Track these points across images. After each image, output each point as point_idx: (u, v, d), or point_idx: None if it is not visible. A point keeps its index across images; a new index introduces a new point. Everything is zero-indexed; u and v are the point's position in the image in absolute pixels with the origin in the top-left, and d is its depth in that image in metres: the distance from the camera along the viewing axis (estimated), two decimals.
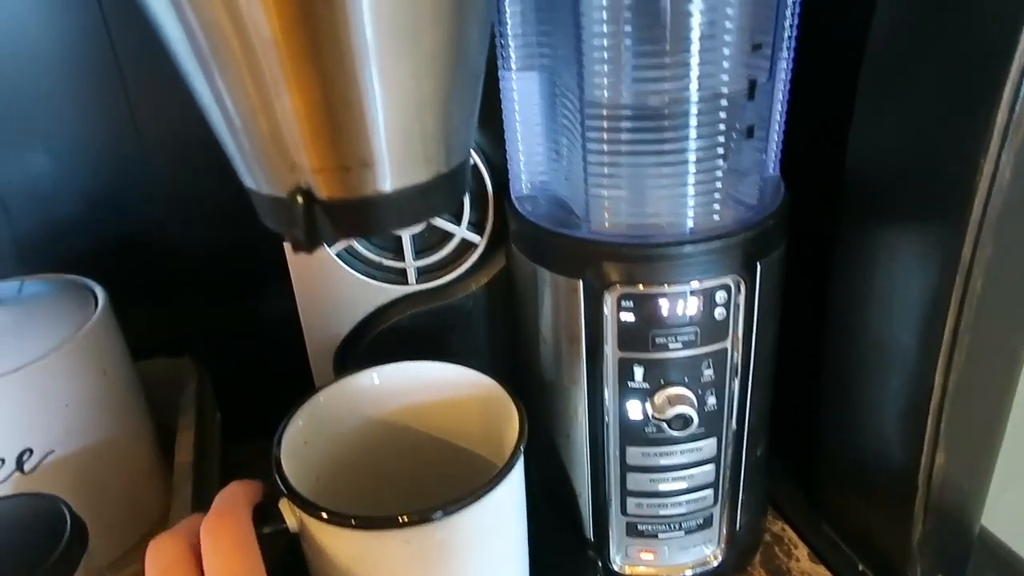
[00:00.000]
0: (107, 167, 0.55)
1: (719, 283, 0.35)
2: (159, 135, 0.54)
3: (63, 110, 0.53)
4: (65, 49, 0.51)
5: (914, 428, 0.36)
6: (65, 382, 0.41)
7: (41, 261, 0.54)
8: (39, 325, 0.42)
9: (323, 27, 0.23)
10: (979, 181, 0.30)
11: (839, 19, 0.37)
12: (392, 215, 0.28)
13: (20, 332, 0.41)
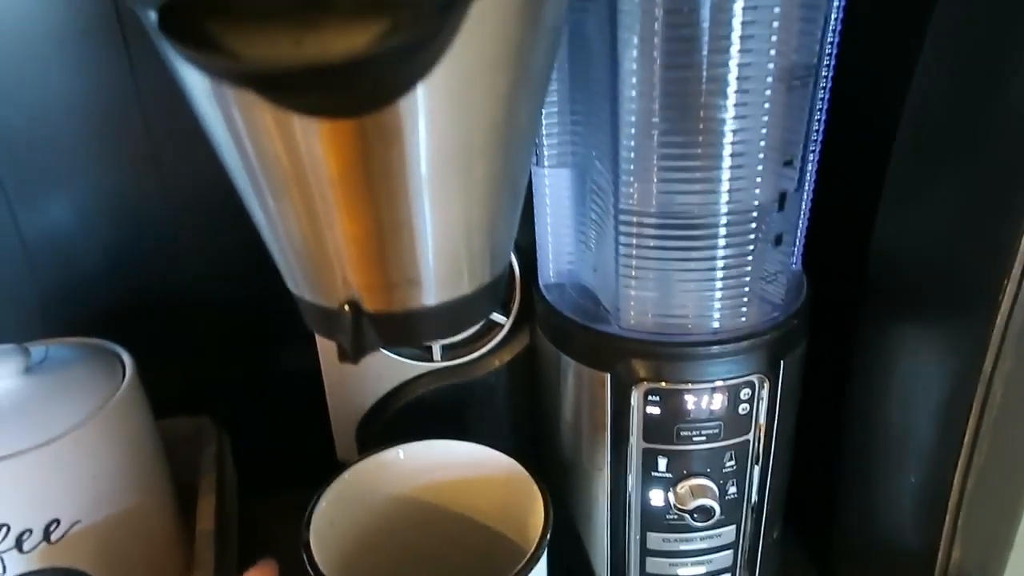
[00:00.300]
0: (131, 224, 0.55)
1: (743, 380, 0.36)
2: (184, 194, 0.55)
3: (89, 166, 0.54)
4: (92, 105, 0.52)
5: (931, 524, 0.37)
6: (93, 453, 0.41)
7: (65, 317, 0.55)
8: (67, 396, 0.42)
9: (380, 164, 0.24)
10: (1002, 300, 0.31)
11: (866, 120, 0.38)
12: (436, 327, 0.29)
13: (49, 403, 0.42)
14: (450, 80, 0.22)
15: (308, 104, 0.21)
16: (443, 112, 0.23)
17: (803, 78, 0.32)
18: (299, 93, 0.20)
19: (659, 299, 0.35)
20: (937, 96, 0.34)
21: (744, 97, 0.30)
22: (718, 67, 0.30)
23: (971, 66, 0.33)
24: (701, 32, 0.29)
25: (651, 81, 0.30)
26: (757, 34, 0.29)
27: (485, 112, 0.24)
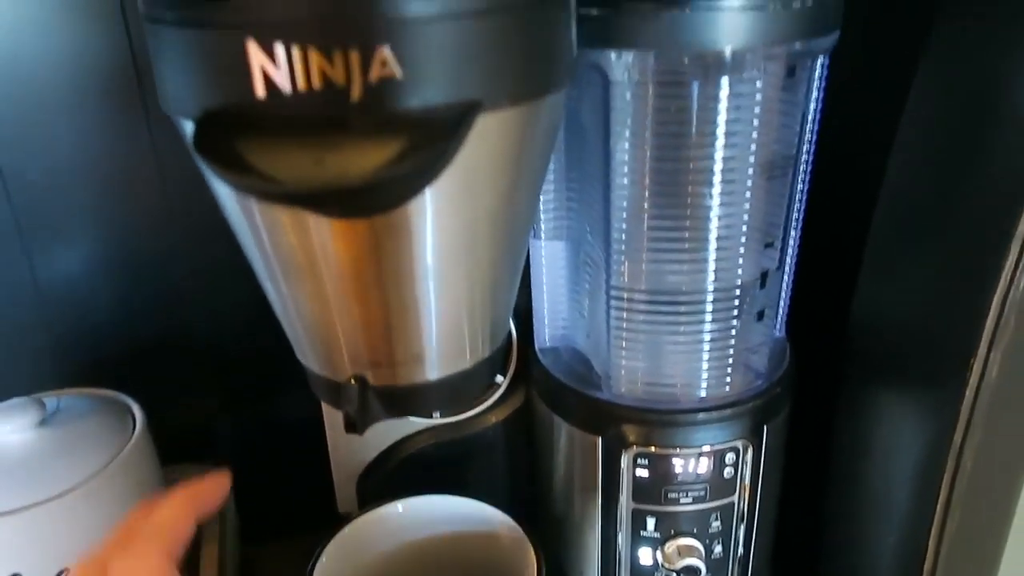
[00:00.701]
0: (143, 276, 0.57)
1: (728, 446, 0.37)
2: (195, 248, 0.57)
3: (104, 220, 0.56)
4: (110, 160, 0.54)
5: None
6: (104, 504, 0.43)
7: (76, 363, 0.56)
8: (79, 448, 0.44)
9: (388, 256, 0.26)
10: (969, 377, 0.33)
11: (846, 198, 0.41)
12: (438, 400, 0.31)
13: (61, 456, 0.43)
14: (454, 182, 0.24)
15: (324, 211, 0.23)
16: (448, 209, 0.25)
17: (783, 168, 0.34)
18: (318, 205, 0.22)
19: (648, 368, 0.37)
20: (911, 179, 0.36)
21: (728, 187, 0.33)
22: (704, 159, 0.32)
23: (942, 153, 0.35)
24: (688, 128, 0.31)
25: (642, 170, 0.33)
26: (740, 130, 0.32)
27: (487, 207, 0.26)
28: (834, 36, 0.33)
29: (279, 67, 0.21)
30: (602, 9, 0.30)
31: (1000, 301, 0.32)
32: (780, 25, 0.30)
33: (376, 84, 0.21)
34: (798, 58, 0.32)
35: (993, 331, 0.32)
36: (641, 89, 0.32)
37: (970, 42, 0.34)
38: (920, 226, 0.36)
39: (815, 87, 0.34)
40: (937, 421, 0.35)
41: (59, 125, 0.52)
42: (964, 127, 0.34)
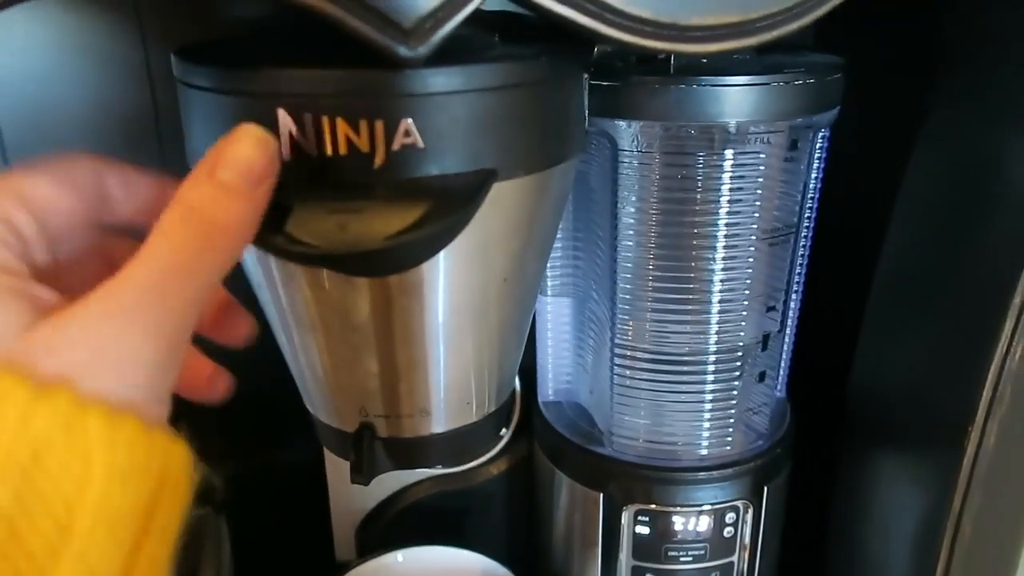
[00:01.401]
0: None
1: (728, 505, 0.38)
2: None
3: None
4: None
5: None
6: None
7: None
8: None
9: (401, 313, 0.27)
10: (967, 446, 0.33)
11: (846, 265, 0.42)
12: (443, 452, 0.31)
13: None
14: (468, 245, 0.25)
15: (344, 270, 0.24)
16: (461, 270, 0.26)
17: (785, 235, 0.35)
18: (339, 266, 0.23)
19: (650, 426, 0.37)
20: (909, 250, 0.37)
21: (731, 251, 0.34)
22: (708, 226, 0.33)
23: (939, 225, 0.36)
24: (693, 196, 0.32)
25: (647, 234, 0.34)
26: (743, 199, 0.33)
27: (498, 269, 0.27)
28: (834, 111, 0.34)
29: (307, 134, 0.22)
30: (613, 81, 0.31)
31: (997, 371, 0.32)
32: (783, 101, 0.31)
33: (398, 152, 0.23)
34: (800, 131, 0.33)
35: (990, 400, 0.33)
36: (648, 157, 0.33)
37: (967, 120, 0.35)
38: (918, 295, 0.37)
39: (816, 158, 0.36)
40: (935, 487, 0.36)
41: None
42: (960, 201, 0.35)
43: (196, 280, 0.20)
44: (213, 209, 0.20)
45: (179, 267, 0.20)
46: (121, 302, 0.19)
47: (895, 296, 0.38)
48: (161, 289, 0.20)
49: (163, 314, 0.20)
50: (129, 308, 0.19)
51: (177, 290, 0.20)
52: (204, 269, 0.20)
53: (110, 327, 0.19)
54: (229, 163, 0.21)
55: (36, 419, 0.17)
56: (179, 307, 0.20)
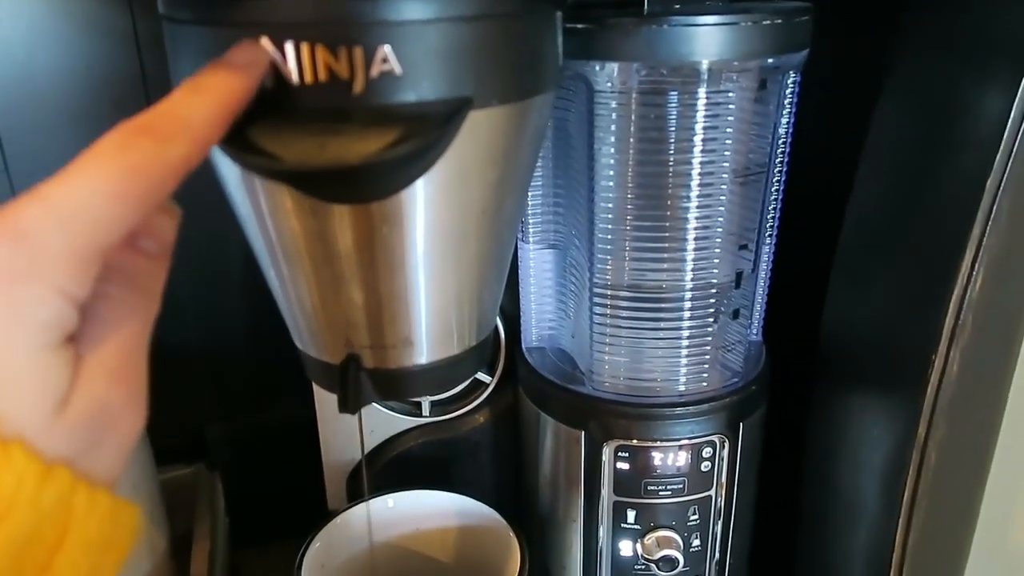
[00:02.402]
0: None
1: (705, 440, 0.39)
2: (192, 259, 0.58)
3: None
4: None
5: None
6: None
7: None
8: None
9: (383, 243, 0.28)
10: (931, 374, 0.35)
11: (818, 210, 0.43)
12: (426, 383, 0.32)
13: None
14: (446, 174, 0.26)
15: (326, 193, 0.25)
16: (440, 201, 0.27)
17: (756, 175, 0.36)
18: (320, 186, 0.24)
19: (629, 364, 0.39)
20: (875, 193, 0.39)
21: (705, 190, 0.35)
22: (682, 164, 0.34)
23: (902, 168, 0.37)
24: (667, 135, 0.34)
25: (624, 174, 0.35)
26: (715, 138, 0.34)
27: (476, 201, 0.28)
28: (803, 54, 0.35)
29: (288, 62, 0.23)
30: (587, 23, 0.32)
31: (958, 300, 0.34)
32: (752, 41, 0.33)
33: (376, 78, 0.23)
34: (769, 72, 0.34)
35: (952, 328, 0.34)
36: (623, 98, 0.34)
37: (928, 69, 0.36)
38: (883, 236, 0.38)
39: (786, 101, 0.37)
40: (902, 419, 0.37)
41: (70, 136, 0.54)
42: (924, 143, 0.36)
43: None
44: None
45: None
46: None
47: (863, 238, 0.39)
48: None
49: None
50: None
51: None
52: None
53: None
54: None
55: None
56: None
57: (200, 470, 0.58)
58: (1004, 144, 0.31)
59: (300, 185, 0.25)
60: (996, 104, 0.32)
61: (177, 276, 0.62)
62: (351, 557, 0.43)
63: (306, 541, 0.41)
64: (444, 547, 0.44)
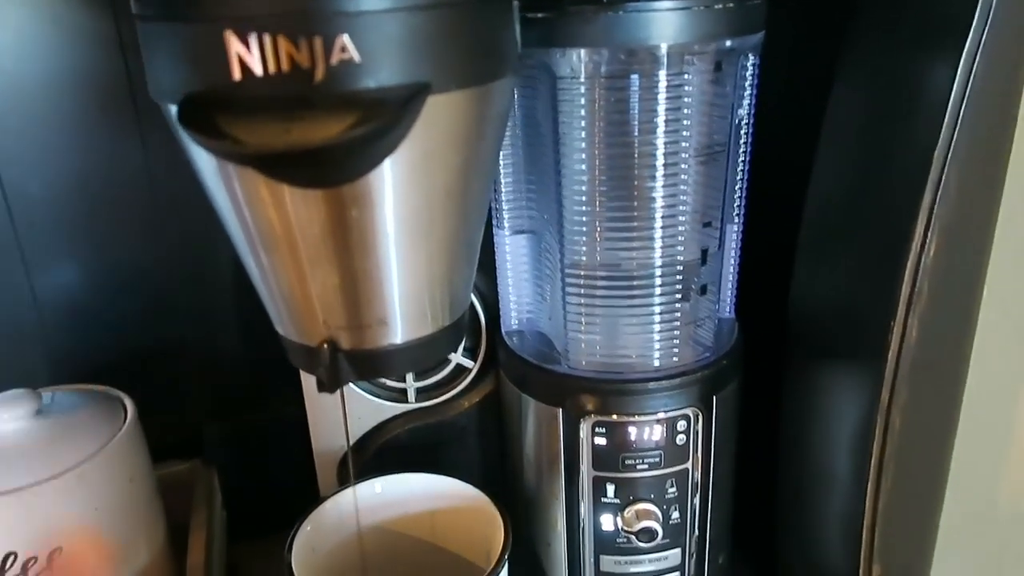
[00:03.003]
0: (135, 287, 0.60)
1: (680, 414, 0.40)
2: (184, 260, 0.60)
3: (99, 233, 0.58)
4: (105, 176, 0.57)
5: (853, 543, 0.41)
6: (97, 488, 0.45)
7: (69, 370, 0.59)
8: (74, 435, 0.46)
9: (354, 225, 0.29)
10: (891, 340, 0.36)
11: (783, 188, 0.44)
12: (402, 362, 0.34)
13: (56, 442, 0.46)
14: (410, 158, 0.28)
15: (295, 178, 0.27)
16: (405, 184, 0.29)
17: (717, 154, 0.37)
18: (287, 169, 0.25)
19: (603, 342, 0.40)
20: (834, 170, 0.40)
21: (669, 170, 0.36)
22: (645, 145, 0.36)
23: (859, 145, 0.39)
24: (629, 118, 0.35)
25: (591, 156, 0.36)
26: (676, 119, 0.35)
27: (441, 184, 0.30)
28: (758, 36, 0.37)
29: (252, 53, 0.24)
30: (547, 12, 0.33)
31: (913, 268, 0.35)
32: (705, 24, 0.34)
33: (336, 66, 0.25)
34: (725, 55, 0.36)
35: (909, 296, 0.36)
36: (585, 84, 0.35)
37: (879, 49, 0.38)
38: (842, 212, 0.40)
39: (745, 83, 0.38)
40: (867, 387, 0.38)
41: (58, 141, 0.55)
42: (877, 121, 0.37)
43: None
44: None
45: None
46: None
47: (824, 215, 0.41)
48: None
49: None
50: None
51: None
52: None
53: None
54: None
55: None
56: None
57: (196, 466, 0.59)
58: (949, 116, 0.33)
59: (269, 170, 0.26)
60: (941, 79, 0.33)
61: (170, 276, 0.63)
62: (341, 540, 0.44)
63: (296, 525, 0.42)
64: (432, 528, 0.45)
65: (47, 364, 0.60)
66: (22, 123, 0.54)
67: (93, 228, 0.58)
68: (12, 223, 0.57)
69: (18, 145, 0.55)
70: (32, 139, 0.55)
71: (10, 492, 0.42)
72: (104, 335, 0.60)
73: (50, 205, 0.57)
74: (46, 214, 0.57)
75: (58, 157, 0.55)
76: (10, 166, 0.55)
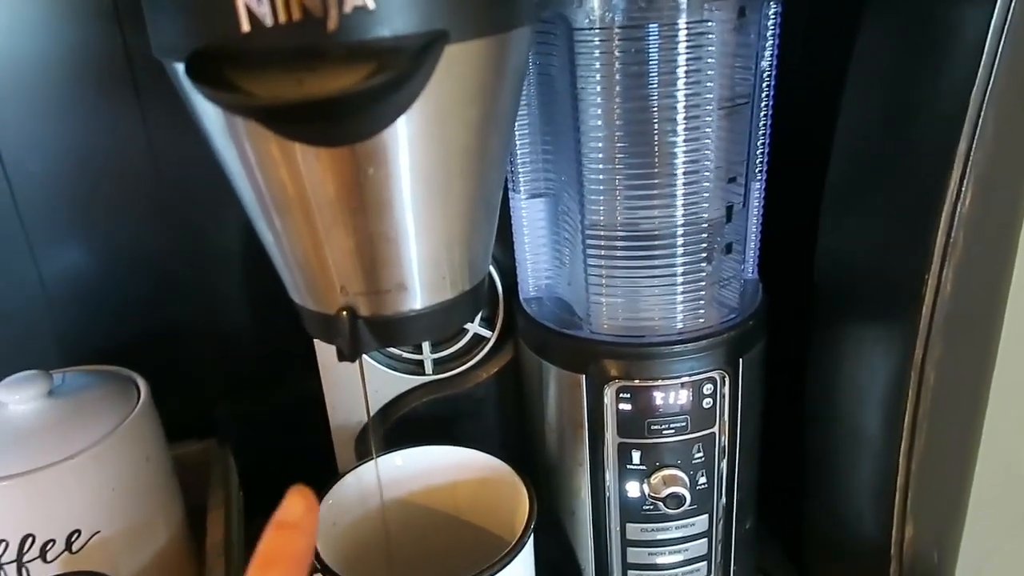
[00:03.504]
0: (142, 265, 0.59)
1: (706, 377, 0.39)
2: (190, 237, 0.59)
3: (102, 211, 0.58)
4: (106, 152, 0.56)
5: (884, 505, 0.41)
6: (112, 468, 0.45)
7: (79, 351, 0.58)
8: (87, 416, 0.46)
9: (370, 185, 0.28)
10: (925, 294, 0.35)
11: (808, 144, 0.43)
12: (422, 328, 0.32)
13: (70, 423, 0.45)
14: (426, 113, 0.27)
15: (308, 135, 0.25)
16: (422, 140, 0.27)
17: (741, 106, 0.36)
18: (300, 124, 0.24)
19: (625, 304, 0.39)
20: (862, 120, 0.38)
21: (691, 123, 0.35)
22: (666, 98, 0.34)
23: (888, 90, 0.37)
24: (648, 69, 0.34)
25: (609, 113, 0.35)
26: (698, 68, 0.34)
27: (458, 140, 0.29)
28: None
29: (262, 2, 0.23)
30: None
31: (948, 217, 0.34)
32: None
33: (350, 15, 0.24)
34: (748, 1, 0.34)
35: (944, 246, 0.34)
36: (603, 34, 0.34)
37: None
38: (872, 162, 0.38)
39: (768, 31, 0.37)
40: (898, 343, 0.37)
41: (57, 118, 0.54)
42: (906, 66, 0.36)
43: None
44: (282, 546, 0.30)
45: None
46: None
47: (852, 166, 0.39)
48: None
49: None
50: None
51: None
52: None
53: None
54: (285, 513, 0.31)
55: None
56: None
57: (212, 445, 0.59)
58: (986, 55, 0.31)
59: (281, 124, 0.25)
60: (977, 18, 0.31)
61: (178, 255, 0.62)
62: (362, 514, 0.43)
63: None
64: (454, 500, 0.45)
65: (57, 347, 0.59)
66: (21, 104, 0.53)
67: (97, 207, 0.57)
68: (14, 203, 0.56)
69: (18, 124, 0.53)
70: (32, 119, 0.54)
71: (25, 474, 0.42)
72: (113, 317, 0.60)
73: (50, 183, 0.56)
74: (49, 194, 0.56)
75: (57, 135, 0.54)
76: (11, 147, 0.54)
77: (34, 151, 0.55)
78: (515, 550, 0.37)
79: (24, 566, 0.43)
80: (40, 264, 0.58)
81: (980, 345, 0.37)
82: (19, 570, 0.43)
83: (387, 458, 0.44)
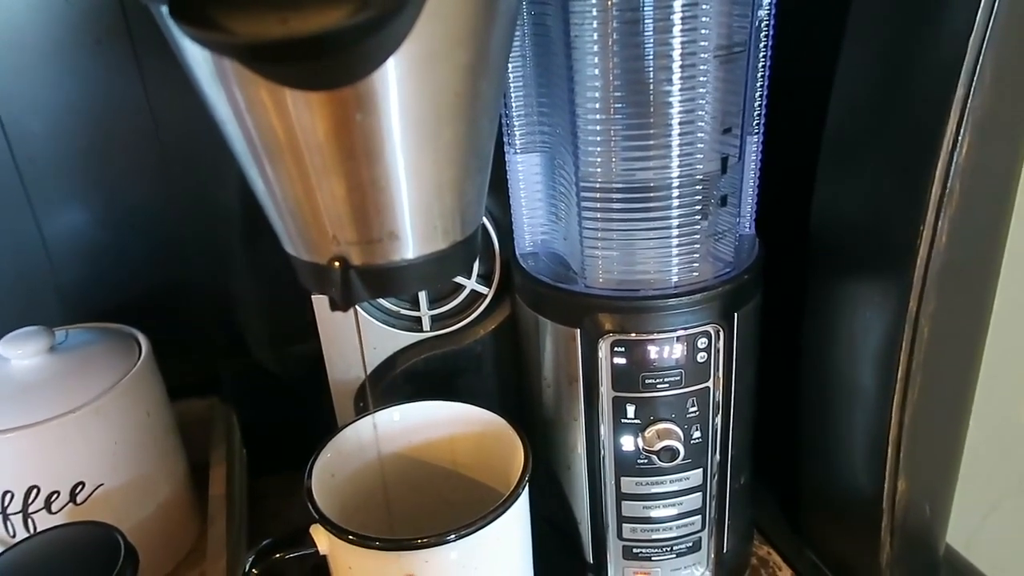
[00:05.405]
0: (143, 224, 0.59)
1: (700, 331, 0.39)
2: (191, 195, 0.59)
3: (102, 170, 0.58)
4: (105, 112, 0.56)
5: (877, 459, 0.41)
6: (115, 422, 0.45)
7: (81, 309, 0.59)
8: (89, 371, 0.46)
9: (359, 130, 0.28)
10: (920, 245, 0.35)
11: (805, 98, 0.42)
12: (416, 278, 0.33)
13: (72, 377, 0.46)
14: (415, 55, 0.26)
15: (296, 77, 0.25)
16: (411, 83, 0.27)
17: (737, 54, 0.36)
18: (286, 63, 0.24)
19: (620, 257, 0.39)
20: (859, 74, 0.38)
21: (686, 71, 0.34)
22: (661, 45, 0.34)
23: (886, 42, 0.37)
24: (641, 15, 0.33)
25: (605, 61, 0.34)
26: (692, 15, 0.33)
27: (448, 83, 0.28)
28: None
29: None
30: None
31: (944, 168, 0.34)
32: None
33: None
34: None
35: (940, 198, 0.34)
36: None
37: None
38: (868, 113, 0.38)
39: None
40: (893, 295, 0.37)
41: (56, 76, 0.54)
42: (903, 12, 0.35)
43: None
44: None
45: None
46: None
47: (849, 118, 0.39)
48: None
49: None
50: None
51: None
52: None
53: None
54: None
55: None
56: None
57: (215, 403, 0.60)
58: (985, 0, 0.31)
59: (268, 66, 0.25)
60: None
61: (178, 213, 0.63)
62: (361, 466, 0.44)
63: (316, 452, 0.42)
64: (451, 454, 0.45)
65: (60, 306, 0.60)
66: (17, 60, 0.53)
67: (97, 166, 0.57)
68: (15, 163, 0.56)
69: (14, 82, 0.53)
70: (28, 75, 0.54)
71: (29, 426, 0.42)
72: (114, 275, 0.60)
73: (50, 142, 0.56)
74: (48, 152, 0.56)
75: (57, 94, 0.54)
76: (9, 103, 0.54)
77: (34, 110, 0.55)
78: (509, 501, 0.37)
79: (30, 516, 0.44)
80: (41, 223, 0.58)
81: (976, 298, 0.37)
82: (25, 520, 0.44)
83: (385, 413, 0.45)
